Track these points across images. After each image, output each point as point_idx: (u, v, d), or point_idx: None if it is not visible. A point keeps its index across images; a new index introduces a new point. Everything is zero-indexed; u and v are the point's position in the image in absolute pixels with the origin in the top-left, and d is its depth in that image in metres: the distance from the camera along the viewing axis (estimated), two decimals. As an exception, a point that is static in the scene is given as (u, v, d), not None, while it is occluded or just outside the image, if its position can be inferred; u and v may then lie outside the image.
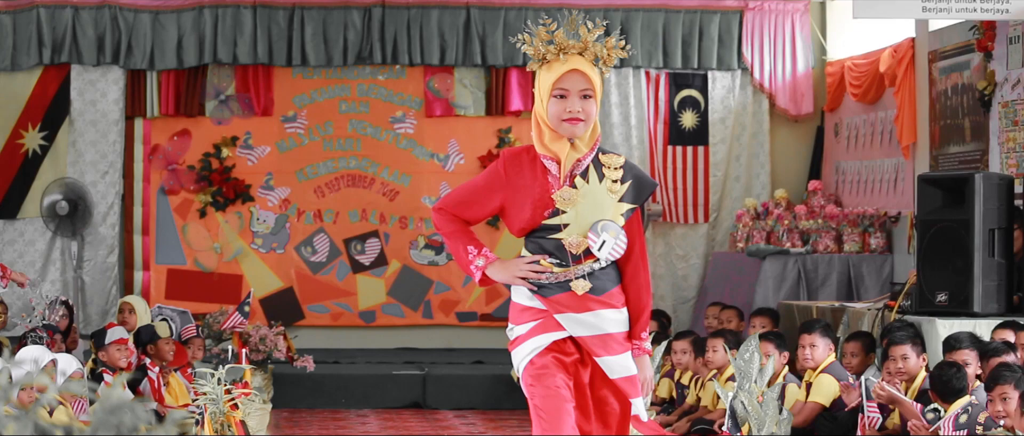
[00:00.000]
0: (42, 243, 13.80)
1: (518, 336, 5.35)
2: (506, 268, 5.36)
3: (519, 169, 5.32)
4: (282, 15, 13.86)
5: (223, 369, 9.07)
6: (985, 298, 9.47)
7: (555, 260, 5.26)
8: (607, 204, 5.26)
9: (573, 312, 5.25)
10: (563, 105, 5.26)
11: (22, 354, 7.85)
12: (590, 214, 5.23)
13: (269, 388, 12.11)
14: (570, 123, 5.23)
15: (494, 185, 5.38)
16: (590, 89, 5.29)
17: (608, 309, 5.28)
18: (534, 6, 14.00)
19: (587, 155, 5.28)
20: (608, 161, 5.33)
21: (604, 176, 5.29)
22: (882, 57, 12.94)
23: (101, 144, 13.84)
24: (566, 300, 5.25)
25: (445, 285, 14.40)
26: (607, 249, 5.22)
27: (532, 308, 5.32)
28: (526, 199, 5.27)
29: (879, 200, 13.38)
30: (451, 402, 12.67)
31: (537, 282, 5.30)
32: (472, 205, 5.44)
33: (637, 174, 5.38)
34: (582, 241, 5.22)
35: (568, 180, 5.26)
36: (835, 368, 9.13)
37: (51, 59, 13.75)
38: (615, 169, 5.31)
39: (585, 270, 5.25)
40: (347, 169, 14.41)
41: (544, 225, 5.26)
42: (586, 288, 5.25)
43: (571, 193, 5.23)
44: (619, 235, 5.24)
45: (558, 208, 5.23)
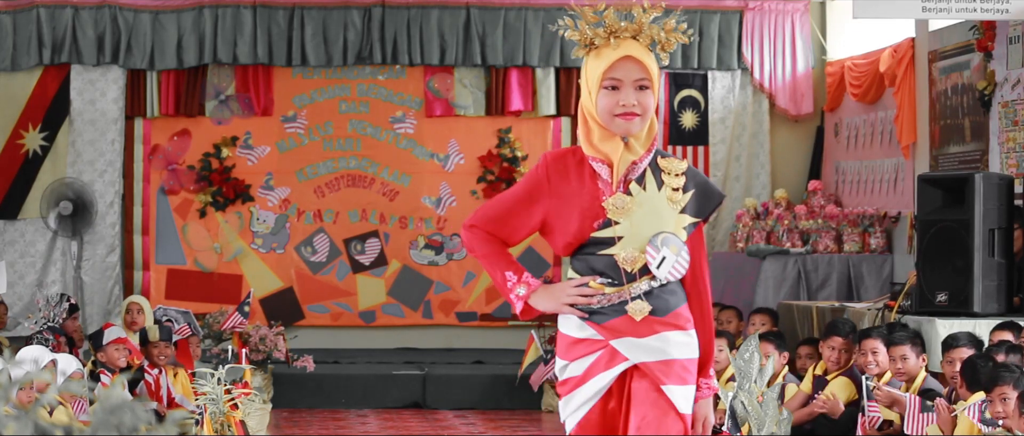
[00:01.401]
0: (43, 243, 13.80)
1: (570, 378, 4.59)
2: (552, 295, 4.60)
3: (564, 174, 4.58)
4: (282, 15, 13.86)
5: (223, 369, 9.08)
6: (985, 298, 9.47)
7: (607, 280, 4.53)
8: (667, 215, 4.54)
9: (632, 336, 4.52)
10: (615, 98, 4.50)
11: (22, 354, 7.85)
12: (647, 226, 4.50)
13: (269, 388, 12.11)
14: (624, 119, 4.49)
15: (536, 194, 4.60)
16: (646, 78, 4.52)
17: (674, 331, 4.54)
18: (534, 6, 14.01)
19: (644, 157, 4.56)
20: (668, 166, 4.60)
21: (664, 183, 4.57)
22: (882, 57, 12.94)
23: (100, 143, 13.84)
24: (623, 324, 4.52)
25: (445, 285, 14.40)
26: (667, 267, 4.50)
27: (585, 339, 4.57)
28: (573, 209, 4.54)
29: (879, 200, 13.38)
30: (451, 402, 12.67)
31: (587, 307, 4.56)
32: (510, 221, 4.66)
33: (701, 182, 4.65)
34: (639, 257, 4.50)
35: (622, 186, 4.53)
36: (853, 371, 9.12)
37: (51, 59, 13.75)
38: (676, 175, 4.59)
39: (642, 289, 4.52)
40: (347, 169, 14.41)
41: (593, 239, 4.53)
42: (645, 311, 4.51)
43: (625, 201, 4.50)
44: (681, 252, 4.52)
45: (610, 218, 4.51)
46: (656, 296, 4.53)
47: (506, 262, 4.67)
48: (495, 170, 14.32)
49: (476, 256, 4.73)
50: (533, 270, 4.72)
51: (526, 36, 13.95)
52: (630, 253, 4.50)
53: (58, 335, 10.17)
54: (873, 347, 8.66)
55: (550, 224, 4.61)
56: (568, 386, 4.58)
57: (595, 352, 4.54)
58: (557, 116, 14.35)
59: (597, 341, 4.54)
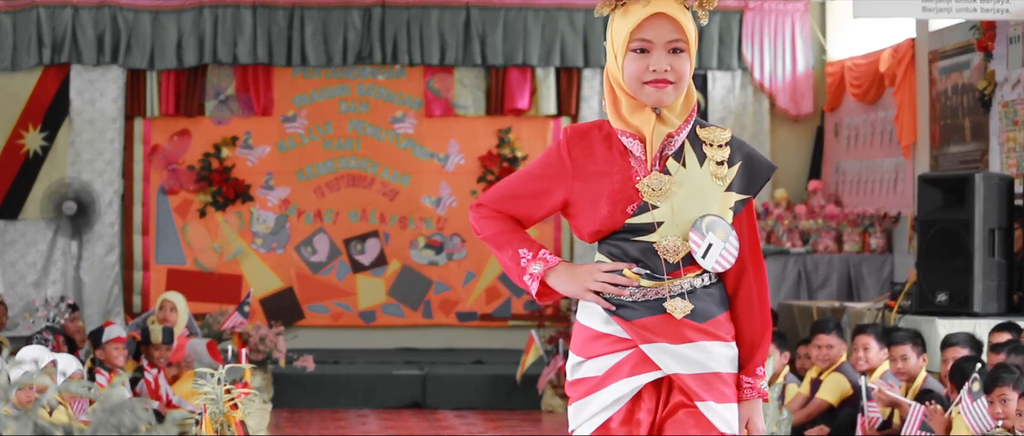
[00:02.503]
0: (44, 244, 13.80)
1: (584, 379, 3.95)
2: (575, 276, 3.94)
3: (589, 151, 3.95)
4: (282, 15, 13.86)
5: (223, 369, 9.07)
6: (985, 298, 9.47)
7: (644, 270, 3.90)
8: (711, 194, 3.93)
9: (666, 342, 3.88)
10: (644, 62, 3.86)
11: (22, 354, 7.85)
12: (691, 208, 3.89)
13: (269, 388, 12.11)
14: (655, 87, 3.86)
15: (554, 173, 3.97)
16: (682, 40, 3.88)
17: (714, 341, 3.92)
18: (534, 6, 14.00)
19: (681, 129, 3.92)
20: (709, 136, 3.97)
21: (706, 157, 3.95)
22: (882, 57, 12.94)
23: (99, 143, 13.84)
24: (658, 326, 3.88)
25: (445, 285, 14.40)
26: (714, 255, 3.89)
27: (608, 335, 3.93)
28: (601, 192, 3.91)
29: (879, 200, 13.38)
30: (451, 402, 12.67)
31: (617, 299, 3.91)
32: (523, 201, 4.03)
33: (748, 153, 4.02)
34: (682, 245, 3.88)
35: (657, 163, 3.91)
36: (846, 368, 9.14)
37: (51, 59, 13.74)
38: (719, 147, 3.96)
39: (685, 286, 3.90)
40: (347, 169, 14.40)
41: (628, 225, 3.90)
42: (686, 310, 3.88)
43: (663, 181, 3.88)
44: (730, 237, 3.90)
45: (646, 201, 3.89)
46: (699, 296, 3.92)
47: (519, 239, 4.02)
48: (495, 170, 14.32)
49: (483, 238, 4.08)
50: None
51: (526, 36, 13.95)
52: (672, 241, 3.88)
53: (58, 335, 10.18)
54: (865, 343, 8.68)
55: (573, 207, 3.97)
56: (581, 389, 3.95)
57: (619, 352, 3.92)
58: (557, 116, 14.34)
59: (622, 340, 3.91)
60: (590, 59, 14.01)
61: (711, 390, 3.88)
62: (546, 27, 13.95)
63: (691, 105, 3.96)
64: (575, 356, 3.97)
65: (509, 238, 4.03)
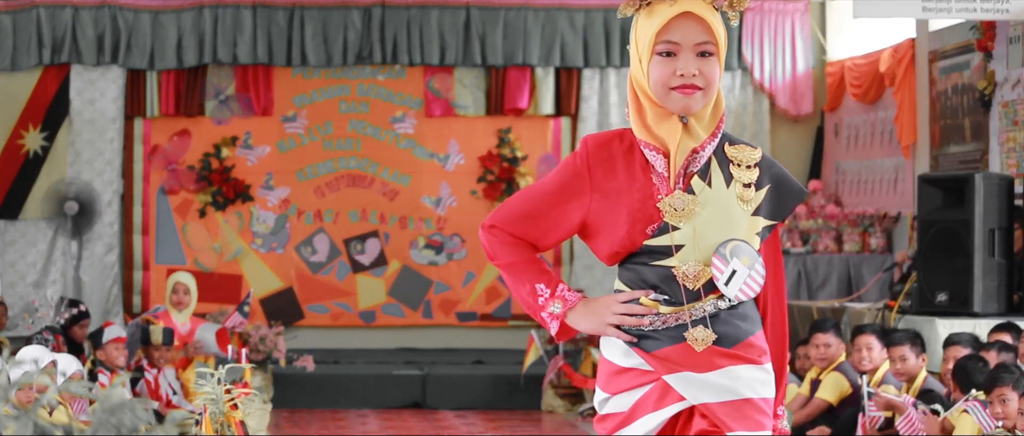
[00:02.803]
0: (44, 244, 13.79)
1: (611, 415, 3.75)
2: (593, 312, 3.72)
3: (609, 165, 3.69)
4: (282, 15, 13.86)
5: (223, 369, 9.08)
6: (985, 298, 9.48)
7: (663, 297, 3.66)
8: (737, 218, 3.67)
9: (691, 371, 3.62)
10: (670, 66, 3.61)
11: (22, 354, 7.85)
12: (714, 232, 3.63)
13: (269, 388, 12.12)
14: (682, 93, 3.60)
15: (573, 189, 3.71)
16: (711, 42, 3.63)
17: (744, 365, 3.64)
18: (534, 6, 14.00)
19: (707, 143, 3.67)
20: (738, 155, 3.73)
21: (733, 177, 3.70)
22: (882, 57, 12.94)
23: (98, 143, 13.84)
24: (679, 355, 3.63)
25: (445, 285, 14.40)
26: (738, 284, 3.63)
27: (631, 369, 3.70)
28: (620, 209, 3.65)
29: (879, 200, 13.38)
30: (451, 402, 12.67)
31: (636, 330, 3.68)
32: (539, 222, 3.75)
33: (778, 175, 3.77)
34: (703, 271, 3.63)
35: (681, 181, 3.65)
36: (845, 367, 9.14)
37: (51, 59, 13.74)
38: (748, 168, 3.72)
39: (706, 310, 3.64)
40: (347, 169, 14.40)
41: (646, 247, 3.65)
42: (709, 340, 3.63)
43: (685, 201, 3.63)
44: (756, 264, 3.64)
45: (667, 222, 3.63)
46: (723, 321, 3.65)
47: (535, 272, 3.77)
48: (495, 170, 14.32)
49: (497, 265, 3.81)
50: None
51: (526, 36, 13.95)
52: (692, 267, 3.63)
53: (58, 335, 10.18)
54: (867, 343, 8.68)
55: (592, 227, 3.72)
56: (608, 426, 3.76)
57: (643, 386, 3.68)
58: (557, 116, 14.34)
59: (646, 372, 3.67)
60: (590, 59, 14.01)
61: (742, 418, 3.61)
62: (546, 27, 13.95)
63: (719, 115, 3.69)
64: (601, 392, 3.78)
65: (525, 269, 3.77)
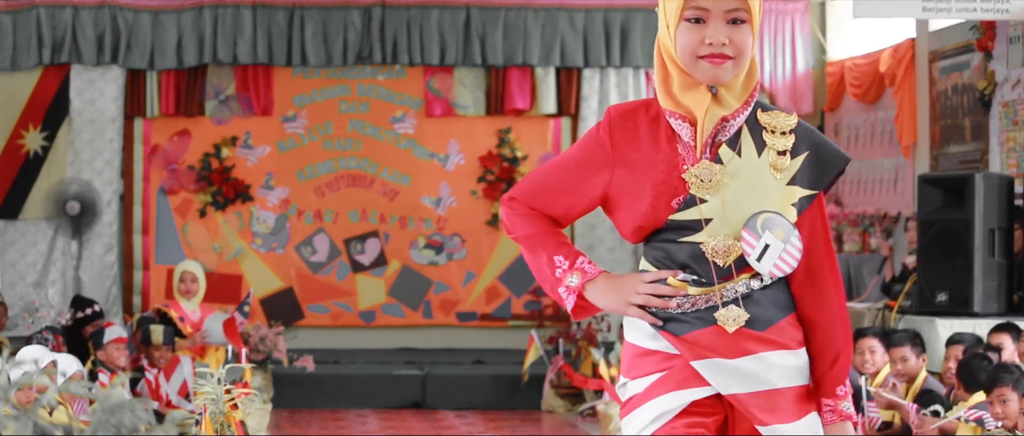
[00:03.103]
0: (44, 244, 13.80)
1: (634, 396, 3.51)
2: (615, 288, 3.49)
3: (632, 135, 3.50)
4: (282, 15, 13.86)
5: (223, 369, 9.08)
6: (985, 298, 9.47)
7: (691, 276, 3.46)
8: (770, 188, 3.45)
9: (721, 356, 3.42)
10: (699, 34, 3.41)
11: (22, 354, 7.85)
12: (744, 203, 3.43)
13: (269, 388, 12.12)
14: (710, 62, 3.39)
15: (594, 161, 3.52)
16: (742, 9, 3.42)
17: (777, 350, 3.44)
18: (534, 6, 14.00)
19: (739, 112, 3.46)
20: (772, 121, 3.51)
21: (765, 145, 3.48)
22: (882, 57, 12.94)
23: (98, 143, 13.84)
24: (709, 339, 3.43)
25: (445, 285, 14.40)
26: (771, 259, 3.41)
27: (656, 352, 3.49)
28: (644, 182, 3.46)
29: (879, 200, 13.38)
30: (451, 402, 12.67)
31: (663, 312, 3.46)
32: (561, 195, 3.57)
33: (816, 142, 3.54)
34: (733, 245, 3.43)
35: (708, 151, 3.45)
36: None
37: (51, 59, 13.74)
38: (783, 134, 3.49)
39: (739, 290, 3.44)
40: (347, 169, 14.41)
41: (672, 222, 3.45)
42: (741, 320, 3.42)
43: (713, 171, 3.43)
44: (790, 237, 3.42)
45: (693, 194, 3.43)
46: (755, 301, 3.44)
47: (554, 244, 3.56)
48: (495, 170, 14.32)
49: (514, 238, 3.63)
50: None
51: (526, 36, 13.95)
52: (721, 241, 3.42)
53: (58, 335, 10.18)
54: (870, 346, 8.65)
55: (614, 200, 3.52)
56: (631, 407, 3.52)
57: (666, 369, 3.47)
58: (557, 116, 14.34)
59: (672, 356, 3.46)
60: (590, 59, 14.01)
61: (775, 411, 3.42)
62: (546, 27, 13.95)
63: (752, 85, 3.47)
64: (624, 377, 3.56)
65: (543, 241, 3.57)
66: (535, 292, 14.01)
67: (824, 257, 3.53)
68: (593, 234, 14.05)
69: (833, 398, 3.51)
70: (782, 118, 3.51)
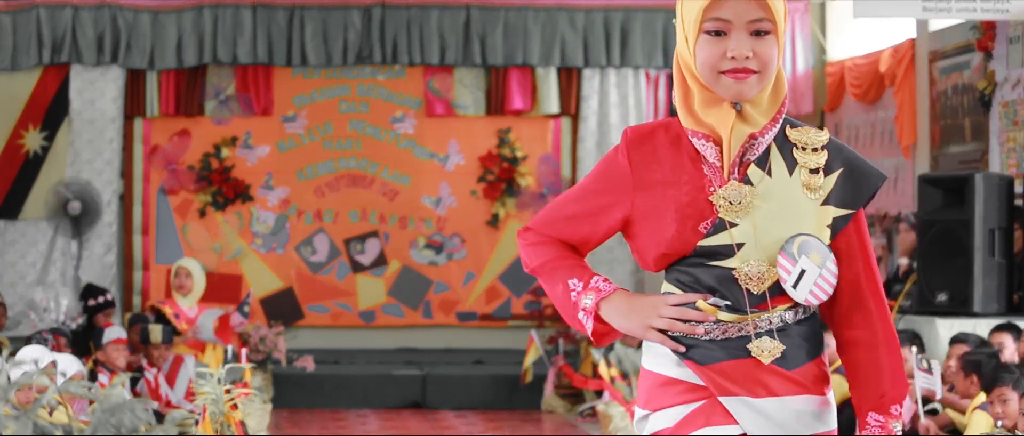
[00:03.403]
0: (44, 244, 13.80)
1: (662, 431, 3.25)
2: (634, 311, 3.24)
3: (652, 157, 3.28)
4: (282, 15, 13.86)
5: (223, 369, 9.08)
6: (985, 298, 9.47)
7: (723, 301, 3.21)
8: (803, 209, 3.22)
9: (750, 395, 3.17)
10: (721, 47, 3.18)
11: (22, 354, 7.85)
12: (777, 226, 3.19)
13: (269, 388, 12.12)
14: (733, 77, 3.17)
15: (612, 186, 3.30)
16: (767, 19, 3.20)
17: (802, 395, 3.21)
18: (534, 6, 14.00)
19: (767, 129, 3.23)
20: (802, 138, 3.28)
21: (796, 163, 3.25)
22: (882, 57, 12.94)
23: (98, 143, 13.84)
24: (739, 373, 3.18)
25: (445, 285, 14.40)
26: (808, 285, 3.19)
27: (680, 382, 3.23)
28: (666, 206, 3.23)
29: (879, 200, 13.38)
30: (451, 402, 12.67)
31: (687, 338, 3.22)
32: (578, 223, 3.35)
33: (850, 159, 3.31)
34: (768, 272, 3.19)
35: (736, 171, 3.22)
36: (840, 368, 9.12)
37: (51, 59, 13.74)
38: (814, 151, 3.27)
39: (774, 321, 3.21)
40: (347, 169, 14.41)
41: (701, 248, 3.21)
42: (776, 352, 3.19)
43: (742, 192, 3.20)
44: (826, 261, 3.20)
45: (722, 218, 3.20)
46: (791, 335, 3.22)
47: (568, 268, 3.33)
48: (495, 170, 14.32)
49: (531, 271, 3.39)
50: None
51: (526, 36, 13.95)
52: (755, 267, 3.18)
53: (58, 335, 10.18)
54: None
55: (635, 227, 3.29)
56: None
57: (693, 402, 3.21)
58: (558, 116, 14.35)
59: (697, 387, 3.21)
60: (590, 59, 14.01)
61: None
62: (546, 27, 13.95)
63: (780, 99, 3.25)
64: (641, 410, 3.30)
65: (557, 266, 3.34)
66: (535, 292, 14.01)
67: (866, 278, 3.30)
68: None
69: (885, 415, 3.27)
70: (813, 134, 3.29)
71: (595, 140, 14.16)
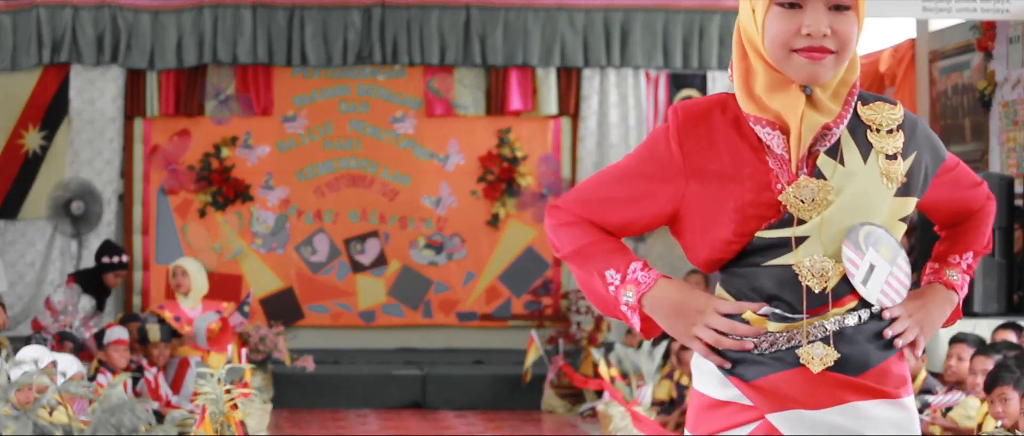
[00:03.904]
0: (42, 243, 13.80)
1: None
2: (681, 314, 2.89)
3: (707, 142, 2.87)
4: (282, 15, 13.86)
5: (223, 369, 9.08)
6: (985, 298, 9.48)
7: (774, 309, 2.84)
8: (879, 201, 2.85)
9: (805, 407, 2.78)
10: (795, 21, 2.79)
11: (22, 354, 7.85)
12: (846, 218, 2.82)
13: (269, 388, 12.12)
14: (808, 57, 2.78)
15: (659, 171, 2.90)
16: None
17: (874, 400, 2.80)
18: (534, 6, 14.00)
19: (842, 118, 2.84)
20: (876, 116, 2.90)
21: (871, 147, 2.86)
22: (882, 57, 12.94)
23: (98, 143, 13.84)
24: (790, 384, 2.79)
25: (445, 285, 14.40)
26: (878, 282, 2.81)
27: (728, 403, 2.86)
28: (724, 203, 2.85)
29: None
30: (451, 402, 12.67)
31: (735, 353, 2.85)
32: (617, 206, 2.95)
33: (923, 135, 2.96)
34: (833, 267, 2.81)
35: (805, 164, 2.83)
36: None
37: (51, 59, 13.74)
38: (890, 133, 2.89)
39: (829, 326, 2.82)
40: (347, 169, 14.41)
41: (758, 241, 2.83)
42: (829, 359, 2.79)
43: (814, 189, 2.81)
44: (898, 258, 2.84)
45: (791, 214, 2.82)
46: (849, 340, 2.81)
47: (604, 255, 2.94)
48: (495, 170, 14.31)
49: (562, 256, 3.01)
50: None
51: (526, 36, 13.95)
52: (818, 262, 2.80)
53: (58, 335, 10.18)
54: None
55: (686, 222, 2.93)
56: None
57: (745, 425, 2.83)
58: (557, 116, 14.34)
59: (746, 408, 2.84)
60: (590, 59, 14.01)
61: None
62: (546, 27, 13.95)
63: (852, 82, 2.87)
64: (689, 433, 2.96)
65: (592, 254, 2.95)
66: (535, 292, 14.01)
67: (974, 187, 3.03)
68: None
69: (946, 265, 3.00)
70: (887, 112, 2.90)
71: (595, 140, 14.16)
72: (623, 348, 10.99)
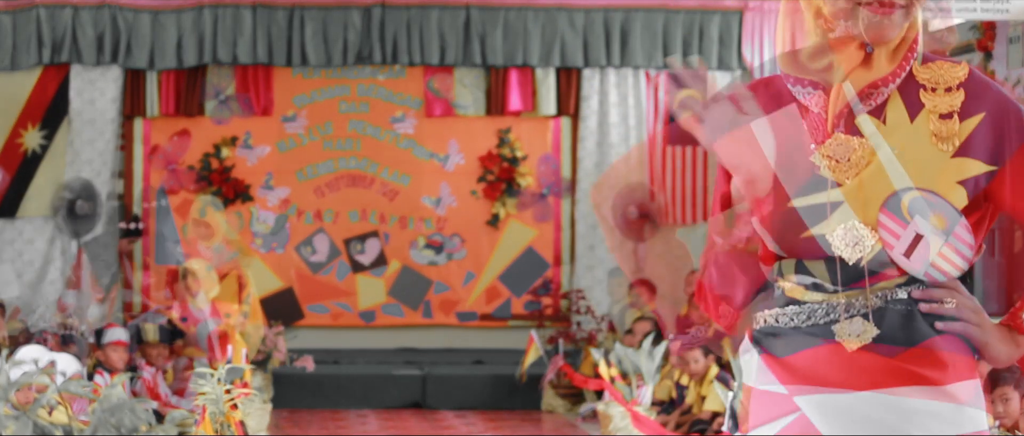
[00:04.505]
0: (41, 242, 13.79)
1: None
2: None
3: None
4: (282, 15, 13.86)
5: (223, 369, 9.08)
6: (985, 298, 9.48)
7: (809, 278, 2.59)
8: (927, 162, 2.56)
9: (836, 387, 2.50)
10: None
11: (22, 354, 7.85)
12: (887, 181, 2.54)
13: (269, 388, 12.12)
14: (874, 11, 2.55)
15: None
16: None
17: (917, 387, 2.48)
18: (534, 6, 14.00)
19: (893, 76, 2.60)
20: (933, 76, 2.63)
21: (923, 106, 2.59)
22: (882, 57, 12.94)
23: (98, 142, 13.84)
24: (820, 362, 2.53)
25: (445, 285, 14.40)
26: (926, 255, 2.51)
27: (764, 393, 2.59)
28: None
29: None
30: (451, 402, 12.67)
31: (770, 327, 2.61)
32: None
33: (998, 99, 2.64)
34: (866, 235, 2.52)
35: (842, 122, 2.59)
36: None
37: (51, 59, 13.74)
38: (948, 92, 2.61)
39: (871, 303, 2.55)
40: (347, 169, 14.41)
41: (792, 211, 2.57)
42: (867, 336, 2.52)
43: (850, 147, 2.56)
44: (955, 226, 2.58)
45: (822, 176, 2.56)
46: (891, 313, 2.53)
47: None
48: (495, 170, 14.31)
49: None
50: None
51: (526, 36, 13.94)
52: (852, 232, 2.52)
53: (56, 335, 10.18)
54: None
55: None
56: None
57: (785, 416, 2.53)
58: (557, 116, 14.34)
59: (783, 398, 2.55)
60: (590, 59, 14.00)
61: None
62: (546, 27, 13.95)
63: (911, 41, 2.63)
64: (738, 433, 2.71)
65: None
66: (535, 292, 14.01)
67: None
68: (593, 234, 14.04)
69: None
70: (947, 70, 2.63)
71: (595, 140, 14.16)
72: (623, 348, 10.99)
